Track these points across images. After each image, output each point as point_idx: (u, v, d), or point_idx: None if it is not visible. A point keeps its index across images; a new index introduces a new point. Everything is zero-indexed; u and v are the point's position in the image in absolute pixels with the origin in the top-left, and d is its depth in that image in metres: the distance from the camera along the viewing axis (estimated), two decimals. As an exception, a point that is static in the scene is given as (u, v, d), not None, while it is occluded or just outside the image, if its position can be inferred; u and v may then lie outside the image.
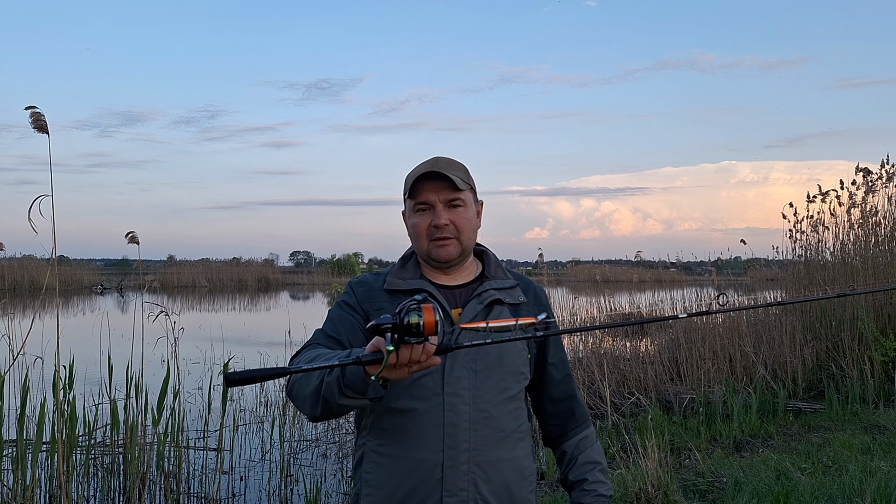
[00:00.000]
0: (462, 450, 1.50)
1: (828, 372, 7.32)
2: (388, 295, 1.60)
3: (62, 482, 3.98)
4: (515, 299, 1.64)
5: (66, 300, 24.58)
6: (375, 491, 1.54)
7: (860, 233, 8.62)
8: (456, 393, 1.51)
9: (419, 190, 1.57)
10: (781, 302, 2.14)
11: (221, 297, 31.29)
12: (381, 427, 1.54)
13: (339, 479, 5.20)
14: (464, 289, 1.64)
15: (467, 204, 1.61)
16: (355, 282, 1.68)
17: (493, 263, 1.70)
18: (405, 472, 1.50)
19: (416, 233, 1.61)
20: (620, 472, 4.55)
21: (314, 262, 63.69)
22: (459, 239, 1.59)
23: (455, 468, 1.49)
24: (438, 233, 1.57)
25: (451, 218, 1.58)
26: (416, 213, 1.61)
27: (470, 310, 1.58)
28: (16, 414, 4.32)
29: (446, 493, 1.48)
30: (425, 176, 1.56)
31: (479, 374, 1.54)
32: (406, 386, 1.51)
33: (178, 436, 4.70)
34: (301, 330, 7.81)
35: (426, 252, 1.61)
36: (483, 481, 1.50)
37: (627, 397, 6.70)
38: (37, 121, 3.57)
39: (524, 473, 1.59)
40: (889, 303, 7.76)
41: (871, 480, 4.20)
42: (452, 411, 1.50)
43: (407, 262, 1.67)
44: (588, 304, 11.72)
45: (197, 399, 6.73)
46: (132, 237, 4.84)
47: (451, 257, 1.60)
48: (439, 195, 1.57)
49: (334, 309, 1.66)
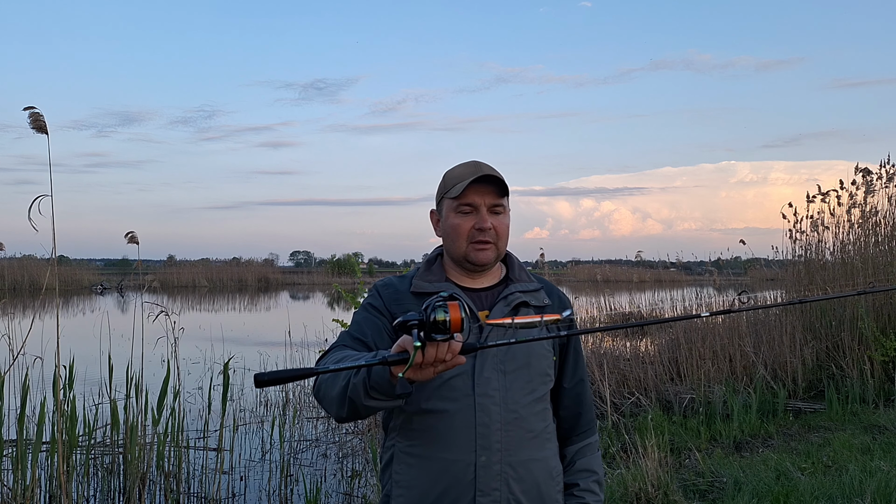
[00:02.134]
0: (494, 450, 1.51)
1: (828, 372, 7.32)
2: (415, 297, 1.61)
3: (62, 482, 3.98)
4: (540, 302, 1.66)
5: (66, 300, 24.58)
6: (407, 492, 1.55)
7: (860, 233, 8.62)
8: (486, 394, 1.53)
9: (466, 191, 1.58)
10: (803, 300, 2.12)
11: (221, 297, 31.29)
12: (411, 428, 1.56)
13: (339, 479, 5.20)
14: (489, 291, 1.65)
15: (507, 211, 1.64)
16: (381, 284, 1.69)
17: (516, 266, 1.72)
18: (437, 472, 1.52)
19: (457, 234, 1.61)
20: (620, 471, 4.55)
21: (314, 262, 63.74)
22: (497, 244, 1.61)
23: (488, 468, 1.51)
24: (481, 236, 1.59)
25: (494, 223, 1.60)
26: (458, 214, 1.61)
27: (497, 312, 1.60)
28: (16, 414, 4.32)
29: (479, 492, 1.50)
30: (477, 179, 1.57)
31: (508, 375, 1.55)
32: (436, 387, 1.53)
33: (178, 436, 4.70)
34: (301, 330, 7.81)
35: (463, 253, 1.62)
36: (515, 481, 1.52)
37: (627, 397, 6.70)
38: (35, 121, 3.57)
39: (552, 473, 1.61)
40: (889, 303, 7.76)
41: (871, 480, 4.20)
42: (484, 412, 1.51)
43: (432, 265, 1.68)
44: (588, 303, 11.75)
45: (197, 399, 6.73)
46: (131, 237, 4.84)
47: (488, 261, 1.61)
48: (485, 199, 1.59)
49: (359, 312, 1.67)
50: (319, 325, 7.48)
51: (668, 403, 6.63)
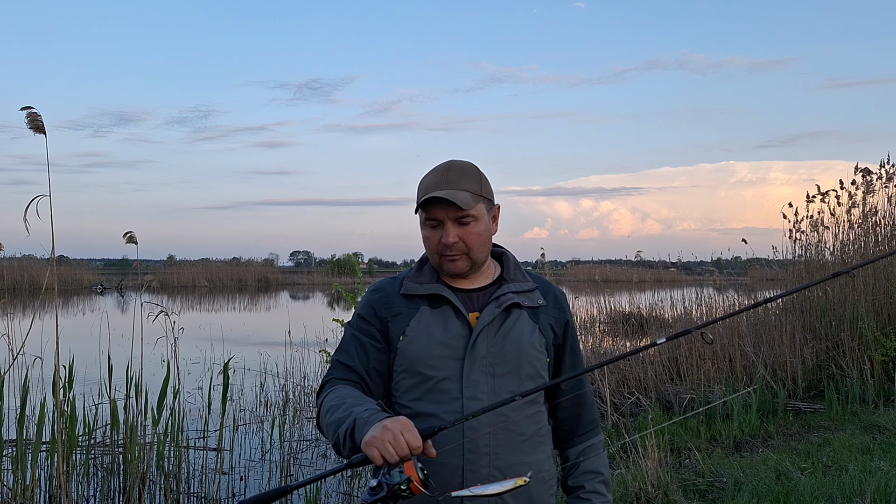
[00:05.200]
0: (482, 454, 1.50)
1: (828, 372, 7.32)
2: (405, 300, 1.60)
3: (62, 482, 3.98)
4: (534, 302, 1.63)
5: (65, 300, 24.58)
6: None
7: (860, 233, 8.62)
8: (475, 397, 1.52)
9: (428, 206, 1.55)
10: (768, 300, 2.12)
11: (221, 297, 31.27)
12: None
13: (339, 478, 5.19)
14: (482, 292, 1.63)
15: (478, 217, 1.57)
16: (371, 290, 1.68)
17: (512, 266, 1.68)
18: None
19: (428, 247, 1.61)
20: (620, 471, 4.55)
21: (314, 262, 63.72)
22: (469, 255, 1.58)
23: (476, 472, 1.50)
24: (447, 250, 1.56)
25: (461, 234, 1.55)
26: (426, 227, 1.60)
27: (488, 313, 1.57)
28: (15, 414, 4.32)
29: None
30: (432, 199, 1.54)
31: (497, 378, 1.54)
32: (426, 391, 1.53)
33: (178, 436, 4.70)
34: (301, 330, 7.81)
35: (437, 265, 1.61)
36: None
37: (627, 397, 6.70)
38: (33, 121, 3.56)
39: (545, 477, 1.59)
40: (889, 303, 7.76)
41: (870, 480, 4.20)
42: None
43: (424, 266, 1.66)
44: (588, 303, 11.74)
45: (197, 399, 6.72)
46: (130, 237, 4.83)
47: (460, 271, 1.59)
48: (448, 213, 1.55)
49: (348, 328, 1.66)
50: (319, 325, 7.47)
51: (668, 403, 6.63)
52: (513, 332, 1.58)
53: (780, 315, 8.08)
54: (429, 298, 1.59)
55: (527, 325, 1.60)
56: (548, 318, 1.65)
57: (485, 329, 1.56)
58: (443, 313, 1.58)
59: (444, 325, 1.56)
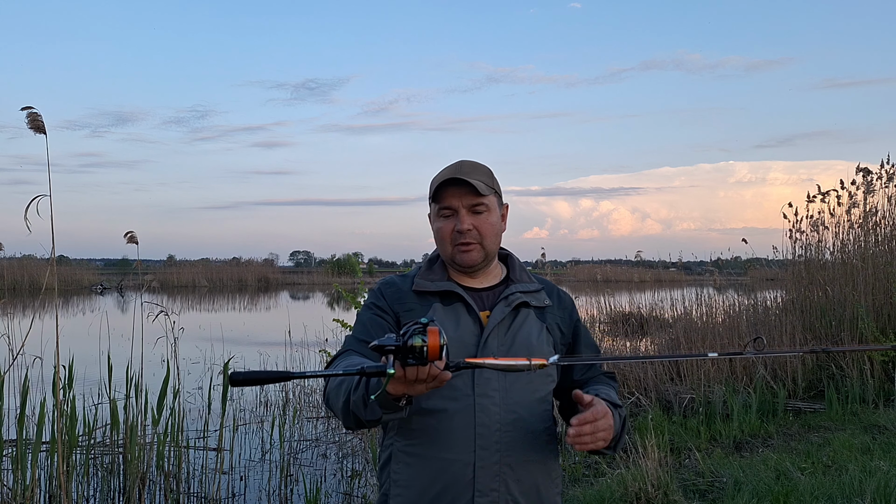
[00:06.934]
0: (493, 450, 1.51)
1: (828, 372, 7.32)
2: (417, 296, 1.62)
3: (62, 482, 3.98)
4: (541, 302, 1.66)
5: (65, 300, 24.58)
6: (405, 491, 1.55)
7: (860, 232, 8.62)
8: (486, 394, 1.53)
9: (442, 195, 1.58)
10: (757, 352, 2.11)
11: (221, 297, 31.27)
12: (409, 427, 1.56)
13: (339, 479, 5.19)
14: (490, 291, 1.65)
15: (491, 209, 1.61)
16: (383, 283, 1.69)
17: (517, 267, 1.71)
18: (436, 471, 1.52)
19: (441, 237, 1.62)
20: (620, 472, 4.55)
21: (314, 262, 63.79)
22: (483, 244, 1.60)
23: (486, 468, 1.51)
24: (461, 238, 1.58)
25: (475, 223, 1.59)
26: (439, 218, 1.62)
27: (498, 312, 1.59)
28: (15, 414, 4.32)
29: (478, 493, 1.50)
30: (448, 181, 1.57)
31: (508, 375, 1.54)
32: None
33: (178, 436, 4.70)
34: (301, 330, 7.81)
35: (450, 256, 1.63)
36: (514, 482, 1.53)
37: (627, 397, 6.70)
38: (34, 121, 3.56)
39: (552, 475, 1.61)
40: (889, 303, 7.76)
41: (870, 480, 4.20)
42: (483, 412, 1.52)
43: (434, 264, 1.68)
44: (588, 303, 11.75)
45: (197, 399, 6.73)
46: (130, 237, 4.84)
47: (474, 262, 1.61)
48: (462, 200, 1.58)
49: (363, 312, 1.67)
50: (319, 325, 7.48)
51: (668, 403, 6.62)
52: (522, 330, 1.60)
53: (780, 315, 8.08)
54: (441, 295, 1.61)
55: (535, 325, 1.62)
56: (554, 318, 1.68)
57: (496, 327, 1.58)
58: (455, 310, 1.59)
59: (456, 321, 1.58)
